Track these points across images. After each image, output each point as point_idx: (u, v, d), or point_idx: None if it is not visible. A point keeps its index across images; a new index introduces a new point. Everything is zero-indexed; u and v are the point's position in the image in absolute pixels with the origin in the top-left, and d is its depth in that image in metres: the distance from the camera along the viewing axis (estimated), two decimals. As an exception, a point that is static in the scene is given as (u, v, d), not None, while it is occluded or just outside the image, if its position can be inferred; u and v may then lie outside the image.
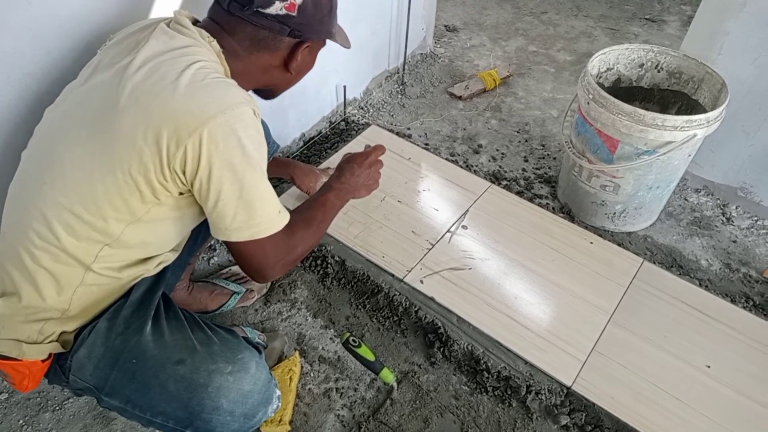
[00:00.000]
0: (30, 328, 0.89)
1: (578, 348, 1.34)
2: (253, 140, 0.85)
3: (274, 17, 0.91)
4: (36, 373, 0.92)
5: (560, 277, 1.49)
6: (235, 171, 0.83)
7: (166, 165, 0.82)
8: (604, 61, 1.60)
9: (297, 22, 0.94)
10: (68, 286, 0.89)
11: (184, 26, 0.93)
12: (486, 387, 1.30)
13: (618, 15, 2.85)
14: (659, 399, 1.26)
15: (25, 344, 0.89)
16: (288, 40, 0.96)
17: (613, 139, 1.44)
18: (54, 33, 1.06)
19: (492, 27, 2.72)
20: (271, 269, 0.95)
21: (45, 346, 0.91)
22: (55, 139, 0.88)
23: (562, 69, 2.43)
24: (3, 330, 0.89)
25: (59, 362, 0.94)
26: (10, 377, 0.92)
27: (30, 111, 1.09)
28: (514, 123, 2.12)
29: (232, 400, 0.90)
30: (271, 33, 0.94)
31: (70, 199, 0.85)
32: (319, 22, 0.98)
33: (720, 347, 1.36)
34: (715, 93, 1.50)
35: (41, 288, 0.88)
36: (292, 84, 1.09)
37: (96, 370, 0.91)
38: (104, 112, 0.83)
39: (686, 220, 1.75)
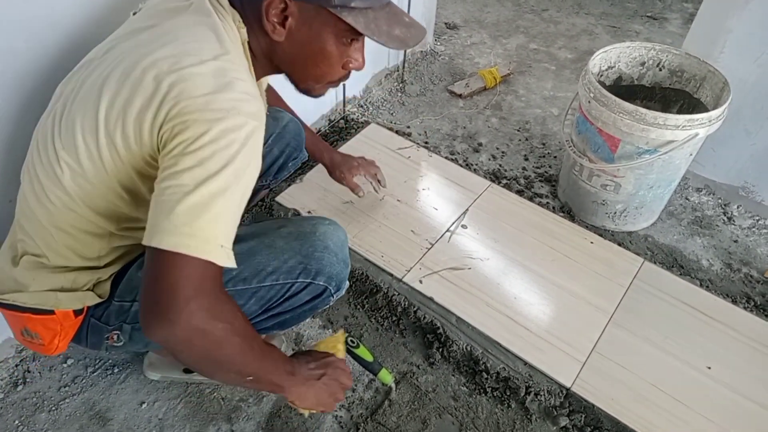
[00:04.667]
0: (63, 278, 0.87)
1: (578, 349, 1.33)
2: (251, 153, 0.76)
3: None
4: (68, 329, 0.89)
5: (560, 277, 1.48)
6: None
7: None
8: (606, 59, 1.58)
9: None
10: (94, 249, 0.87)
11: (221, 5, 0.82)
12: (485, 388, 1.29)
13: (619, 12, 2.83)
14: (659, 400, 1.25)
15: (59, 293, 0.86)
16: None
17: (614, 138, 1.43)
18: (49, 30, 1.05)
19: (492, 24, 2.70)
20: (179, 305, 0.68)
21: (80, 294, 0.88)
22: (72, 107, 0.82)
23: (563, 67, 2.42)
24: (33, 282, 0.86)
25: (95, 314, 0.92)
26: (39, 337, 0.89)
27: (25, 109, 1.09)
28: (514, 121, 2.11)
29: (336, 243, 0.99)
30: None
31: (82, 156, 0.80)
32: None
33: (721, 348, 1.35)
34: (717, 92, 1.48)
35: (66, 253, 0.86)
36: (304, 67, 0.89)
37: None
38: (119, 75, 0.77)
39: (687, 220, 1.74)
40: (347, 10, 0.79)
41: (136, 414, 1.24)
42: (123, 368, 1.32)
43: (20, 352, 1.32)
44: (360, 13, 0.80)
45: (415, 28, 0.86)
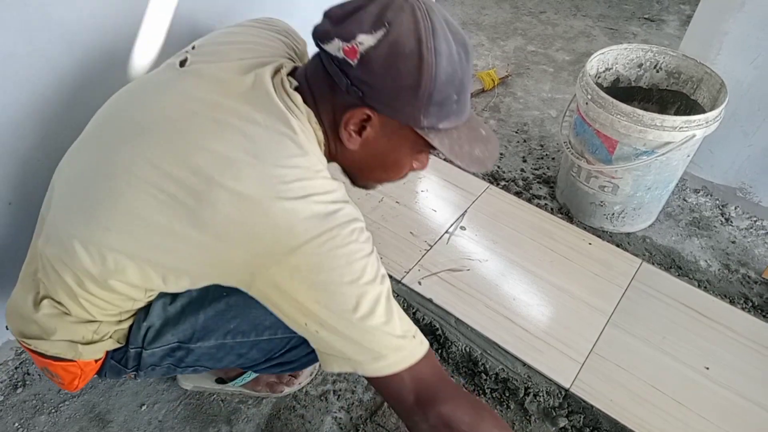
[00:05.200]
0: (84, 329, 0.85)
1: (576, 350, 1.33)
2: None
3: (332, 59, 0.73)
4: (88, 372, 0.89)
5: (559, 278, 1.49)
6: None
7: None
8: (603, 61, 1.59)
9: (357, 77, 0.72)
10: (118, 308, 0.86)
11: (294, 104, 0.77)
12: (484, 389, 1.30)
13: (617, 14, 2.84)
14: (658, 401, 1.25)
15: (80, 345, 0.85)
16: (347, 98, 0.75)
17: (612, 139, 1.44)
18: (49, 35, 1.05)
19: (490, 27, 2.71)
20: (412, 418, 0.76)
21: (102, 344, 0.87)
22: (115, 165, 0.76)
23: (560, 69, 2.43)
24: (56, 332, 0.84)
25: (115, 357, 0.91)
26: (59, 377, 0.89)
27: (24, 113, 1.09)
28: (512, 123, 2.11)
29: None
30: (334, 77, 0.74)
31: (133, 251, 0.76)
32: (393, 94, 0.72)
33: (719, 349, 1.35)
34: (714, 93, 1.49)
35: (88, 309, 0.83)
36: (371, 173, 0.88)
37: (177, 327, 0.88)
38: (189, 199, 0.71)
39: (685, 221, 1.74)
40: (434, 132, 0.77)
41: (135, 416, 1.24)
42: (123, 371, 1.32)
43: (20, 355, 1.32)
44: (445, 135, 0.78)
45: (492, 143, 0.85)
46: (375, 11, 0.70)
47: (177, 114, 0.76)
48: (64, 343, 0.85)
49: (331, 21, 0.72)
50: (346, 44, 0.70)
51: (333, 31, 0.71)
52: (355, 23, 0.70)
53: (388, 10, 0.70)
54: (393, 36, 0.69)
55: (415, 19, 0.70)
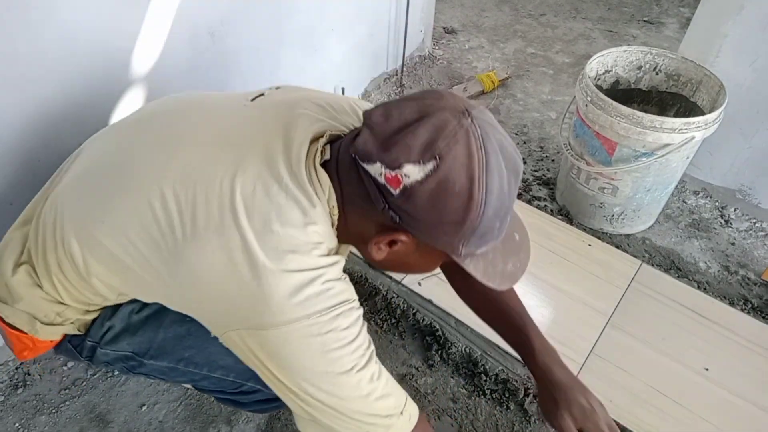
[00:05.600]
0: (50, 308, 0.84)
1: (576, 351, 1.34)
2: None
3: (372, 180, 0.65)
4: (40, 349, 0.89)
5: (558, 279, 1.49)
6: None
7: None
8: (603, 63, 1.60)
9: (398, 205, 0.64)
10: (87, 299, 0.85)
11: (318, 179, 0.71)
12: (484, 390, 1.30)
13: (616, 17, 2.85)
14: (657, 402, 1.25)
15: (39, 323, 0.84)
16: (383, 216, 0.67)
17: (611, 141, 1.44)
18: (52, 36, 1.06)
19: (490, 29, 2.72)
20: None
21: (61, 328, 0.86)
22: (137, 166, 0.77)
23: (560, 71, 2.43)
24: (22, 301, 0.83)
25: (72, 342, 0.91)
26: (11, 344, 0.89)
27: (27, 114, 1.09)
28: (512, 125, 2.12)
29: None
30: (367, 194, 0.67)
31: (120, 256, 0.75)
32: (434, 226, 0.65)
33: (718, 350, 1.36)
34: (713, 95, 1.49)
35: (60, 291, 0.82)
36: (384, 265, 0.81)
37: (135, 338, 0.88)
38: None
39: (684, 223, 1.75)
40: (470, 257, 0.71)
41: (136, 416, 1.25)
42: (123, 371, 1.32)
43: (20, 355, 1.33)
44: (481, 257, 0.72)
45: (524, 249, 0.80)
46: (425, 137, 0.61)
47: (213, 143, 0.75)
48: (26, 315, 0.84)
49: (375, 138, 0.63)
50: (389, 172, 0.62)
51: (376, 154, 0.63)
52: (402, 150, 0.61)
53: (440, 138, 0.61)
54: (443, 172, 0.61)
55: (468, 152, 0.61)
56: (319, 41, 1.78)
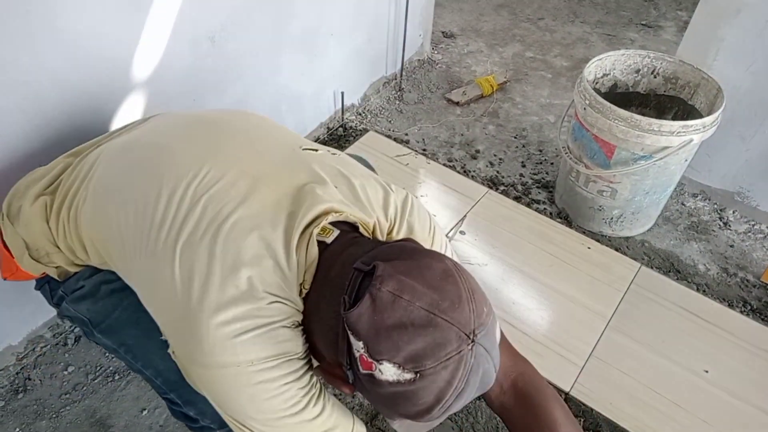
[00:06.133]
0: (43, 245, 0.89)
1: (576, 353, 1.34)
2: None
3: (348, 342, 0.62)
4: (21, 276, 0.93)
5: (558, 282, 1.49)
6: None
7: None
8: (601, 66, 1.60)
9: (357, 375, 0.62)
10: (74, 251, 0.89)
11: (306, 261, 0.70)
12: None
13: (614, 21, 2.86)
14: (657, 404, 1.26)
15: (27, 254, 0.89)
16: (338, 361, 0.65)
17: (610, 144, 1.45)
18: (52, 43, 1.06)
19: (489, 33, 2.73)
20: None
21: (42, 267, 0.90)
22: (163, 155, 0.83)
23: (558, 75, 2.44)
24: (24, 228, 0.89)
25: (51, 284, 0.94)
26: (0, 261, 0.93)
27: (27, 120, 1.10)
28: (511, 128, 2.13)
29: None
30: (335, 337, 0.64)
31: (106, 234, 0.82)
32: (382, 406, 0.65)
33: (718, 352, 1.36)
34: (711, 98, 1.50)
35: (58, 233, 0.88)
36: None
37: (95, 305, 0.90)
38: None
39: (683, 225, 1.75)
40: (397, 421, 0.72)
41: (137, 421, 1.25)
42: (124, 375, 1.32)
43: (21, 360, 1.33)
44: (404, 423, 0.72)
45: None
46: (418, 348, 0.58)
47: (243, 168, 0.77)
48: (19, 240, 0.89)
49: (371, 318, 0.59)
50: (367, 357, 0.59)
51: (364, 335, 0.59)
52: (390, 348, 0.58)
53: (431, 358, 0.57)
54: (416, 386, 0.58)
55: (450, 379, 0.59)
56: (319, 46, 1.79)
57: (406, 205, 0.84)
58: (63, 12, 1.05)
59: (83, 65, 1.14)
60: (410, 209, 0.84)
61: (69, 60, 1.11)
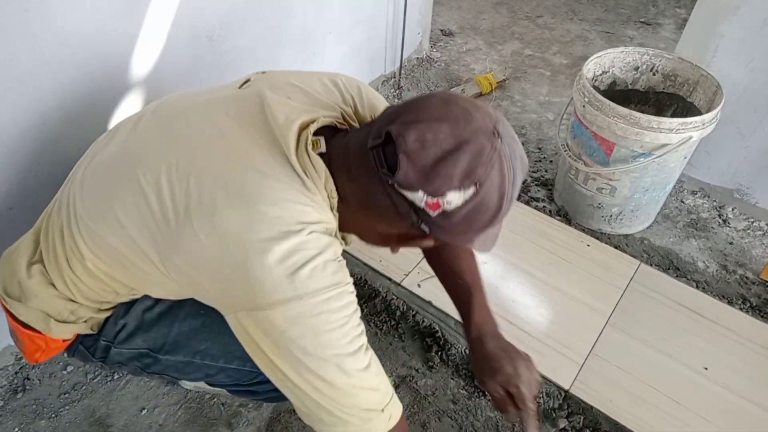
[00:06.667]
0: (63, 306, 0.85)
1: (576, 351, 1.34)
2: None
3: (408, 201, 0.66)
4: (53, 349, 0.89)
5: (557, 280, 1.49)
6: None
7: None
8: (600, 64, 1.60)
9: (431, 221, 0.68)
10: (98, 297, 0.86)
11: (313, 165, 0.72)
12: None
13: (613, 18, 2.86)
14: (657, 401, 1.25)
15: (53, 320, 0.84)
16: (408, 225, 0.70)
17: (609, 141, 1.45)
18: (51, 41, 1.06)
19: (488, 31, 2.72)
20: None
21: (74, 326, 0.87)
22: (137, 158, 0.78)
23: (557, 72, 2.44)
24: (35, 298, 0.83)
25: (85, 343, 0.91)
26: (23, 345, 0.88)
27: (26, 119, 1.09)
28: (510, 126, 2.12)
29: None
30: (394, 208, 0.68)
31: (121, 249, 0.76)
32: (461, 233, 0.70)
33: (717, 349, 1.36)
34: (710, 95, 1.50)
35: (71, 289, 0.84)
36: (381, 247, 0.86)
37: (149, 334, 0.88)
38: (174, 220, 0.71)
39: (683, 222, 1.75)
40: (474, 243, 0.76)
41: (136, 420, 1.24)
42: (123, 375, 1.32)
43: (20, 360, 1.33)
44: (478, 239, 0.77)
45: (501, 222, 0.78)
46: (465, 165, 0.64)
47: (208, 132, 0.76)
48: (39, 313, 0.84)
49: (414, 167, 0.64)
50: (431, 199, 0.65)
51: (418, 184, 0.64)
52: (445, 180, 0.64)
53: (479, 166, 0.64)
54: (481, 196, 0.65)
55: (501, 174, 0.65)
56: (317, 44, 1.78)
57: (352, 83, 0.87)
58: (62, 10, 1.05)
59: (81, 64, 1.13)
60: (359, 87, 0.87)
61: (67, 59, 1.10)
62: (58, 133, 1.15)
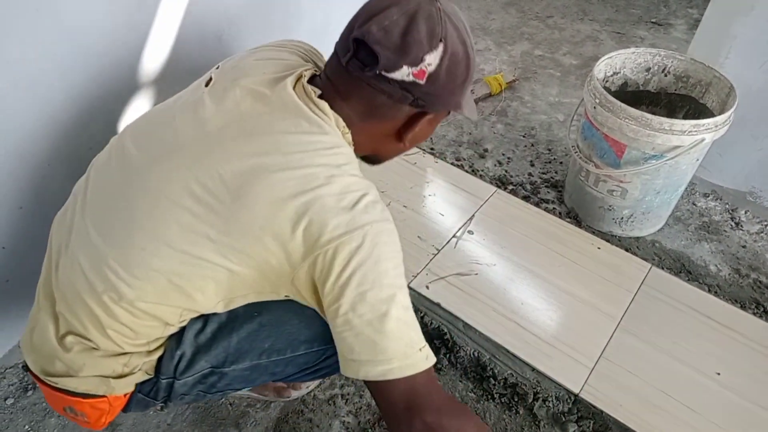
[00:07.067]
0: (115, 362, 0.82)
1: (586, 354, 1.33)
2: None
3: (398, 83, 0.77)
4: (117, 408, 0.87)
5: (567, 282, 1.48)
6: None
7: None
8: (611, 65, 1.59)
9: (423, 92, 0.78)
10: (147, 336, 0.84)
11: (321, 110, 0.79)
12: (492, 394, 1.29)
13: (624, 18, 2.84)
14: (668, 407, 1.24)
15: (112, 379, 0.82)
16: (408, 108, 0.81)
17: (620, 143, 1.43)
18: (61, 41, 1.06)
19: (497, 31, 2.71)
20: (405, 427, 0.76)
21: (132, 377, 0.84)
22: (150, 182, 0.78)
23: (568, 73, 2.43)
24: (85, 367, 0.81)
25: (143, 390, 0.88)
26: (86, 416, 0.86)
27: (36, 118, 1.10)
28: (520, 127, 2.11)
29: None
30: (390, 100, 0.79)
31: (172, 268, 0.76)
32: (449, 93, 0.82)
33: (730, 354, 1.34)
34: (723, 97, 1.48)
35: (117, 340, 0.81)
36: (401, 153, 0.96)
37: (209, 353, 0.87)
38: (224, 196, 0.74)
39: (694, 225, 1.73)
40: (463, 106, 0.88)
41: (144, 419, 1.25)
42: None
43: (30, 358, 1.33)
44: (466, 103, 0.89)
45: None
46: (425, 28, 0.75)
47: (209, 128, 0.78)
48: (95, 378, 0.82)
49: (389, 49, 0.74)
50: (415, 68, 0.76)
51: (400, 60, 0.75)
52: (417, 46, 0.74)
53: (436, 25, 0.75)
54: (449, 49, 0.77)
55: (455, 26, 0.77)
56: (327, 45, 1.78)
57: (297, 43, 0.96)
58: (71, 10, 1.05)
59: (91, 63, 1.14)
60: (301, 44, 0.97)
61: (77, 58, 1.11)
62: (69, 131, 1.16)
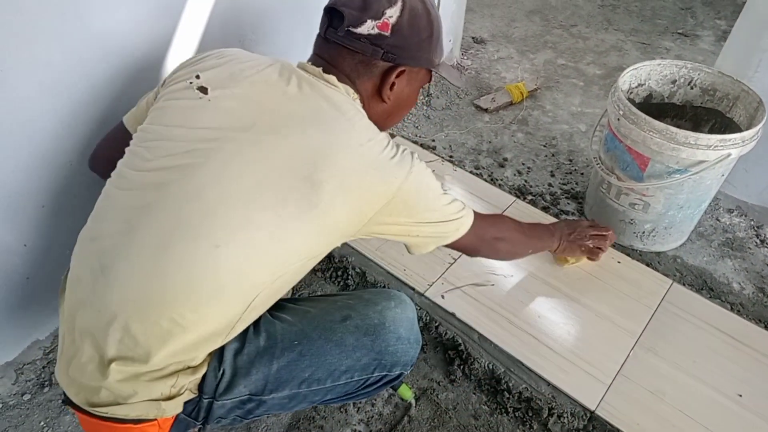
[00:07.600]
0: (163, 385, 0.82)
1: (603, 371, 1.30)
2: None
3: (366, 38, 0.90)
4: (166, 429, 0.86)
5: (586, 296, 1.45)
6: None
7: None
8: (636, 76, 1.56)
9: (391, 44, 0.91)
10: (207, 348, 0.85)
11: (333, 84, 0.91)
12: (506, 407, 1.27)
13: (650, 29, 2.80)
14: (687, 427, 1.21)
15: (162, 402, 0.82)
16: (382, 64, 0.93)
17: (644, 156, 1.41)
18: (86, 44, 1.08)
19: (520, 39, 2.69)
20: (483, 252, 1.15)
21: (181, 397, 0.84)
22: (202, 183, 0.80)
23: (591, 83, 2.40)
24: (135, 394, 0.80)
25: (185, 410, 0.87)
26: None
27: (60, 119, 1.11)
28: (540, 137, 2.09)
29: (406, 328, 0.99)
30: (365, 56, 0.92)
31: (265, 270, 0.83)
32: (417, 47, 0.94)
33: (752, 375, 1.31)
34: (751, 111, 1.45)
35: (167, 367, 0.81)
36: (393, 118, 1.06)
37: (248, 378, 0.87)
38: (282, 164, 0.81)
39: (718, 241, 1.69)
40: (440, 66, 1.02)
41: (157, 420, 1.25)
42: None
43: (47, 355, 1.35)
44: (442, 66, 1.03)
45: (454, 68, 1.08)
46: None
47: (241, 124, 0.84)
48: (146, 403, 0.81)
49: (354, 9, 0.88)
50: (378, 21, 0.89)
51: (364, 15, 0.88)
52: (377, 3, 0.89)
53: None
54: (408, 4, 0.91)
55: None
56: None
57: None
58: (97, 14, 1.07)
59: (114, 66, 1.15)
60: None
61: (101, 60, 1.12)
62: (91, 133, 1.17)
